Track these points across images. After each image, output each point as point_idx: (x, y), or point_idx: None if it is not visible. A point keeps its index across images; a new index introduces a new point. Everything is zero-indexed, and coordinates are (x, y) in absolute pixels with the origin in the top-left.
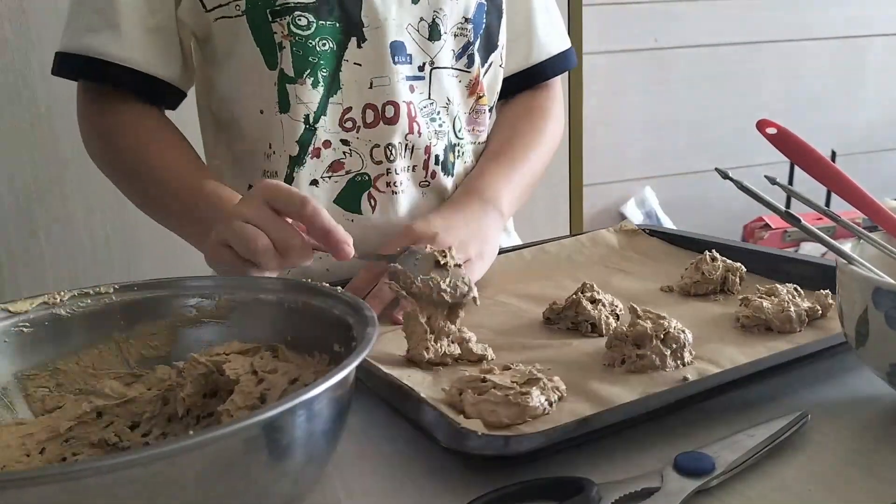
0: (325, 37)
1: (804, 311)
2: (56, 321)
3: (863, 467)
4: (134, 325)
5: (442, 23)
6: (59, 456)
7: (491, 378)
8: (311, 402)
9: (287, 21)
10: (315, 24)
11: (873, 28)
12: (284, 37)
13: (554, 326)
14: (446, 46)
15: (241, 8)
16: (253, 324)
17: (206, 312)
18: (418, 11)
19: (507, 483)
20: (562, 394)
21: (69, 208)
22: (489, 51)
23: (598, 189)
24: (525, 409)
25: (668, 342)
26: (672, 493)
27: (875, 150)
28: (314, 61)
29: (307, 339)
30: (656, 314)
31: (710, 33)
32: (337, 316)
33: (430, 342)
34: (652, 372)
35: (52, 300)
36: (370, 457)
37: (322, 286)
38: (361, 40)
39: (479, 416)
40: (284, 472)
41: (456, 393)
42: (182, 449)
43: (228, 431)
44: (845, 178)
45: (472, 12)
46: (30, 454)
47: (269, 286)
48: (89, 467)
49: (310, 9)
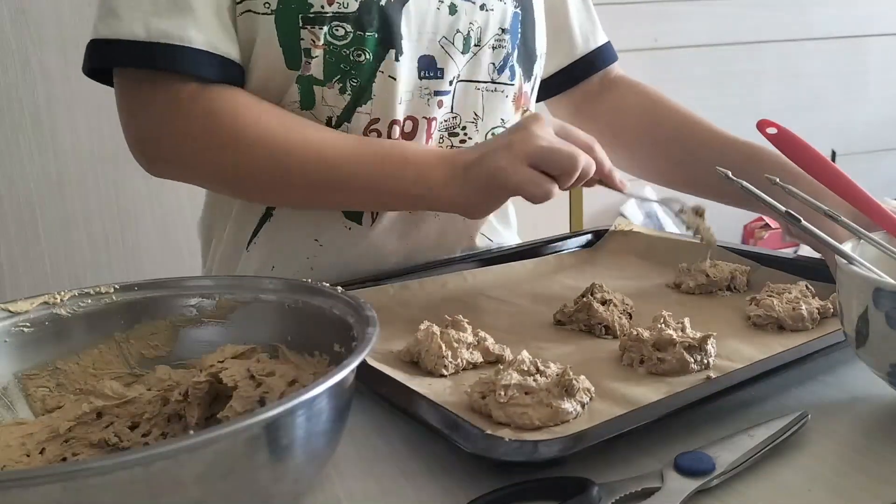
0: (362, 47)
1: (816, 310)
2: (56, 321)
3: (863, 467)
4: (134, 324)
5: (475, 35)
6: (58, 456)
7: (516, 380)
8: (312, 402)
9: (324, 31)
10: (353, 34)
11: (873, 28)
12: (318, 46)
13: (566, 328)
14: (483, 59)
15: (270, 7)
16: (253, 324)
17: (207, 312)
18: (455, 23)
19: (507, 483)
20: (592, 395)
21: (69, 208)
22: (531, 62)
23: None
24: (557, 412)
25: (693, 351)
26: (672, 493)
27: (875, 150)
28: (345, 69)
29: (307, 339)
30: (680, 322)
31: (710, 33)
32: (337, 316)
33: (447, 358)
34: (674, 374)
35: (53, 300)
36: (370, 457)
37: (322, 286)
38: (399, 53)
39: (508, 419)
40: (284, 472)
41: (478, 397)
42: (183, 449)
43: (229, 431)
44: (845, 178)
45: (509, 22)
46: (30, 454)
47: (270, 286)
48: (91, 467)
49: (350, 19)
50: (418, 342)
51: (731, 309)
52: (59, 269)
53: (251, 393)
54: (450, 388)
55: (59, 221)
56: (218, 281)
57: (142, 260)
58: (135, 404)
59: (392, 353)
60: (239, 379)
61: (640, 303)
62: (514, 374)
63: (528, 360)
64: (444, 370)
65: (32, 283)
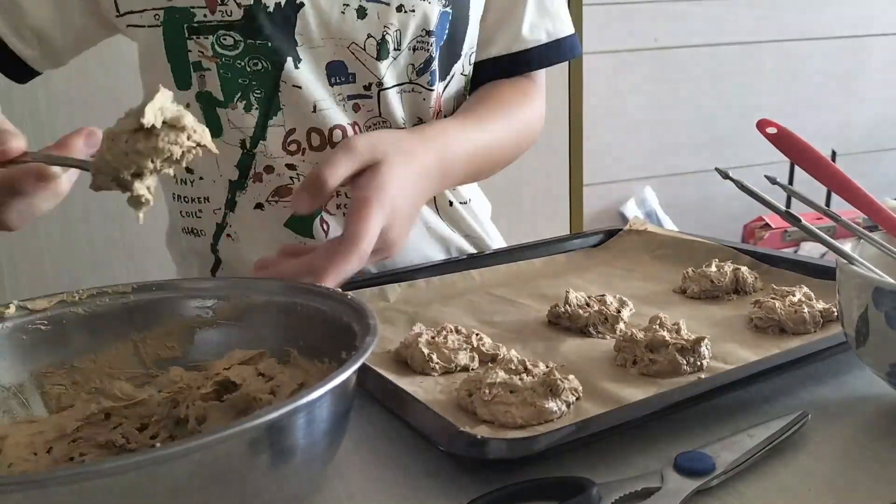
0: (257, 56)
1: (819, 313)
2: (73, 319)
3: (863, 467)
4: (151, 325)
5: (394, 39)
6: (66, 455)
7: (503, 379)
8: (312, 405)
9: (211, 41)
10: (243, 43)
11: (873, 28)
12: (208, 58)
13: (565, 328)
14: (401, 63)
15: (159, 18)
16: (266, 327)
17: (222, 314)
18: (365, 28)
19: (507, 483)
20: (578, 394)
21: (69, 208)
22: (451, 62)
23: (598, 189)
24: (541, 412)
25: (685, 353)
26: (672, 493)
27: (875, 150)
28: (244, 83)
29: (318, 344)
30: (675, 324)
31: (710, 33)
32: (346, 323)
33: (432, 360)
34: (665, 375)
35: (71, 298)
36: (370, 457)
37: (334, 291)
38: (297, 60)
39: (491, 417)
40: (287, 474)
41: (465, 395)
42: (184, 451)
43: (230, 434)
44: (845, 177)
45: (435, 23)
46: (37, 452)
47: (278, 290)
48: (90, 470)
49: (236, 27)
50: (407, 345)
51: (735, 312)
52: (59, 270)
53: (263, 386)
54: (441, 386)
55: (60, 221)
56: (233, 283)
57: (142, 260)
58: (144, 406)
59: (389, 352)
60: (247, 376)
61: (643, 307)
62: (500, 373)
63: (517, 360)
64: (434, 372)
65: (32, 284)
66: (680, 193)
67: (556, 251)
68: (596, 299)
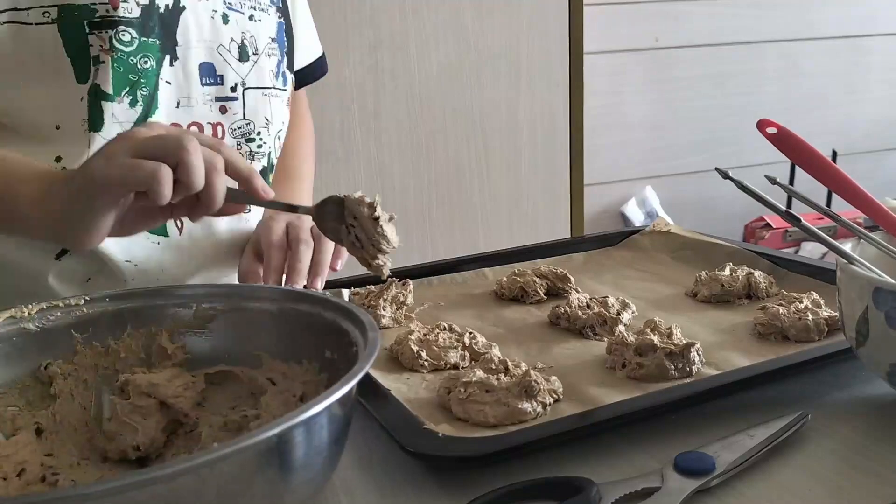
0: (147, 54)
1: (824, 321)
2: (24, 336)
3: (863, 467)
4: (109, 335)
5: (251, 44)
6: (37, 476)
7: (479, 378)
8: (318, 415)
9: (109, 35)
10: (138, 40)
11: (874, 28)
12: (104, 51)
13: (564, 329)
14: (262, 66)
15: (51, 16)
16: (237, 333)
17: (186, 322)
18: (229, 32)
19: (507, 483)
20: (558, 396)
21: None
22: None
23: (599, 189)
24: (514, 412)
25: (674, 358)
26: (672, 493)
27: (876, 150)
28: (134, 79)
29: (295, 346)
30: (669, 328)
31: (711, 33)
32: (328, 321)
33: (422, 358)
34: (652, 380)
35: (21, 314)
36: (370, 458)
37: (313, 292)
38: (174, 59)
39: (465, 415)
40: (293, 481)
41: (444, 392)
42: (201, 465)
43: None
44: (845, 177)
45: (275, 32)
46: (6, 477)
47: (256, 293)
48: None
49: (134, 24)
50: (399, 342)
51: (743, 318)
52: None
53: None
54: (427, 383)
55: None
56: (199, 290)
57: None
58: None
59: (384, 349)
60: None
61: (651, 310)
62: (479, 372)
63: (497, 359)
64: (423, 369)
65: None
66: (680, 193)
67: (572, 250)
68: (597, 301)
